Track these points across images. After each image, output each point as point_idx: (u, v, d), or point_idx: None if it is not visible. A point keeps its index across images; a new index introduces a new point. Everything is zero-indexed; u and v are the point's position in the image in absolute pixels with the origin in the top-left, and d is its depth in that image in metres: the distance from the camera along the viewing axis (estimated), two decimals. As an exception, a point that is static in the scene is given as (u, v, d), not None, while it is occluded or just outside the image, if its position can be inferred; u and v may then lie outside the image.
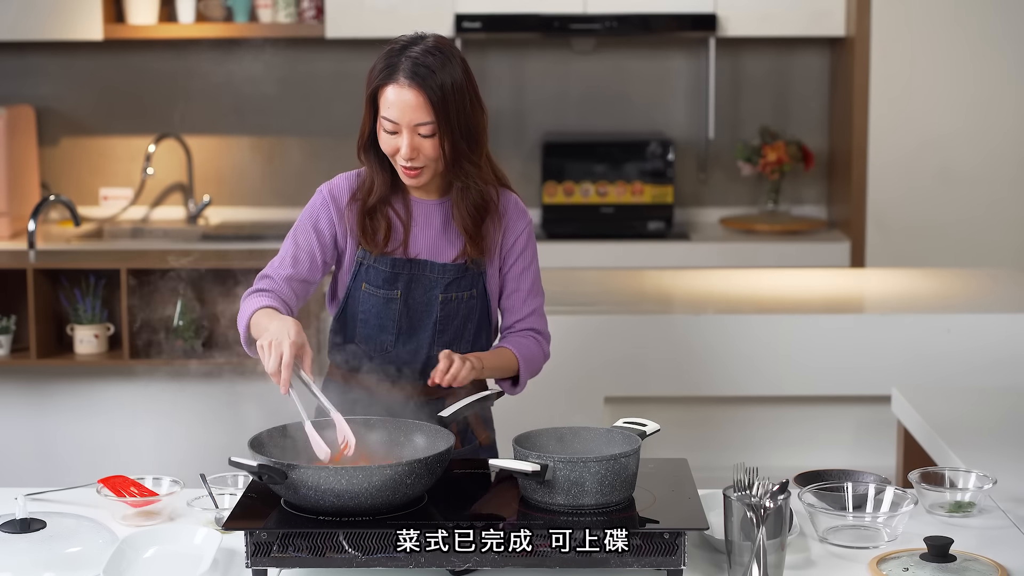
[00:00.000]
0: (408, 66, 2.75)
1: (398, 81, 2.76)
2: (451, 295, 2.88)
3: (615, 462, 2.41)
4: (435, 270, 2.87)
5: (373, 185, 2.88)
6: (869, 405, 4.26)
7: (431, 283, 2.87)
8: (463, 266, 2.88)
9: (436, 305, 2.88)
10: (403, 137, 2.77)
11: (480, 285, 2.91)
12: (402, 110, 2.75)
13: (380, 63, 2.80)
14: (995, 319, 4.23)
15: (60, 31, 5.66)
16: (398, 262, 2.86)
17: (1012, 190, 5.62)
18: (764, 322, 4.24)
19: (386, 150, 2.81)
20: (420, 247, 2.88)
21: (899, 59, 5.54)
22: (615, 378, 4.25)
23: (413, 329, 2.88)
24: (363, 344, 2.89)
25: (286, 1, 5.75)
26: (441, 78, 2.76)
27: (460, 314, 2.89)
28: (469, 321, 2.91)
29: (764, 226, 5.75)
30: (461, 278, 2.88)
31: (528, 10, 5.60)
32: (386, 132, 2.79)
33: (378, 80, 2.79)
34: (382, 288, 2.87)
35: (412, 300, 2.87)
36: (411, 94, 2.75)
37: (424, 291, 2.87)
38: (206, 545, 2.46)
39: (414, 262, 2.87)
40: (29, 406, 4.30)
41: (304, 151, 6.05)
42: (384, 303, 2.87)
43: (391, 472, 2.36)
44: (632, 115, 6.02)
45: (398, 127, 2.77)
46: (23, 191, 5.74)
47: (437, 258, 2.88)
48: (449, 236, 2.88)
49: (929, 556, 2.41)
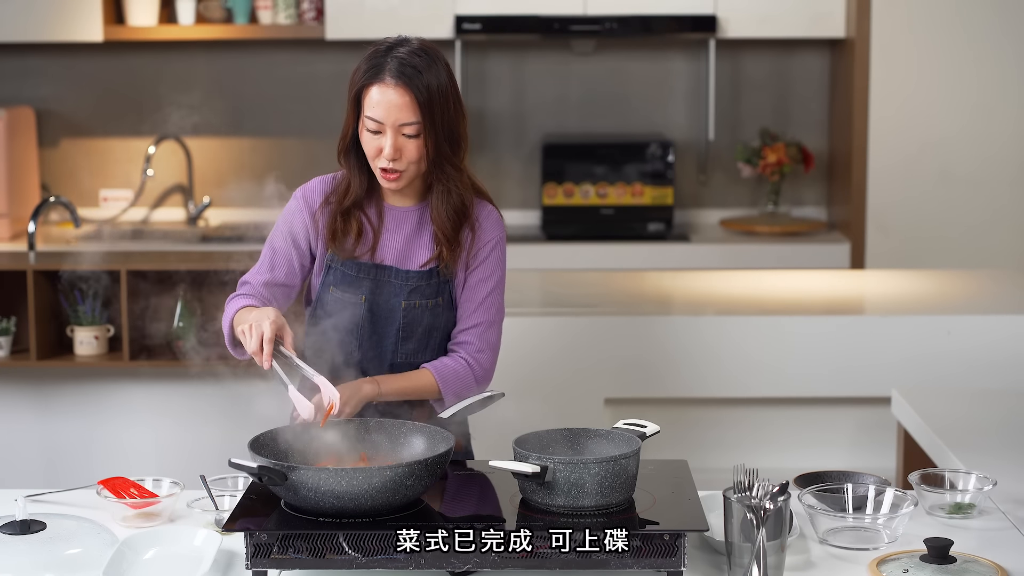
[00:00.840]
0: (395, 66, 2.75)
1: (384, 80, 2.75)
2: (414, 302, 2.87)
3: (615, 463, 2.41)
4: (399, 276, 2.87)
5: (348, 188, 2.88)
6: (869, 406, 4.26)
7: (395, 289, 2.87)
8: (428, 273, 2.87)
9: (399, 312, 2.87)
10: (386, 137, 2.76)
11: (447, 293, 2.90)
12: (387, 109, 2.75)
13: (364, 64, 2.79)
14: (995, 320, 4.23)
15: (60, 32, 5.66)
16: (364, 266, 2.87)
17: (1012, 192, 5.62)
18: (764, 323, 4.24)
19: (368, 151, 2.81)
20: (387, 253, 2.88)
21: (899, 61, 5.54)
22: (615, 379, 4.25)
23: (377, 335, 2.89)
24: (332, 347, 2.90)
25: (286, 2, 5.76)
26: (427, 79, 2.75)
27: (424, 322, 2.89)
28: (435, 329, 2.90)
29: (764, 227, 5.75)
30: (425, 285, 2.87)
31: (528, 11, 5.60)
32: (369, 132, 2.78)
33: (363, 80, 2.78)
34: (347, 292, 2.87)
35: (376, 305, 2.87)
36: (397, 93, 2.75)
37: (388, 297, 2.87)
38: (206, 546, 2.46)
39: (379, 267, 2.87)
40: (29, 408, 4.30)
41: (304, 153, 6.06)
42: (350, 308, 2.87)
43: (391, 474, 2.36)
44: (632, 117, 6.02)
45: (382, 127, 2.76)
46: (23, 192, 5.74)
47: (402, 264, 2.88)
48: (418, 243, 2.88)
49: (929, 558, 2.41)
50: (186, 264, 4.16)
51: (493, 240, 2.92)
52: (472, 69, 5.93)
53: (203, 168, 6.06)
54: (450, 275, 2.88)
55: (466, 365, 2.90)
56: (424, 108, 2.75)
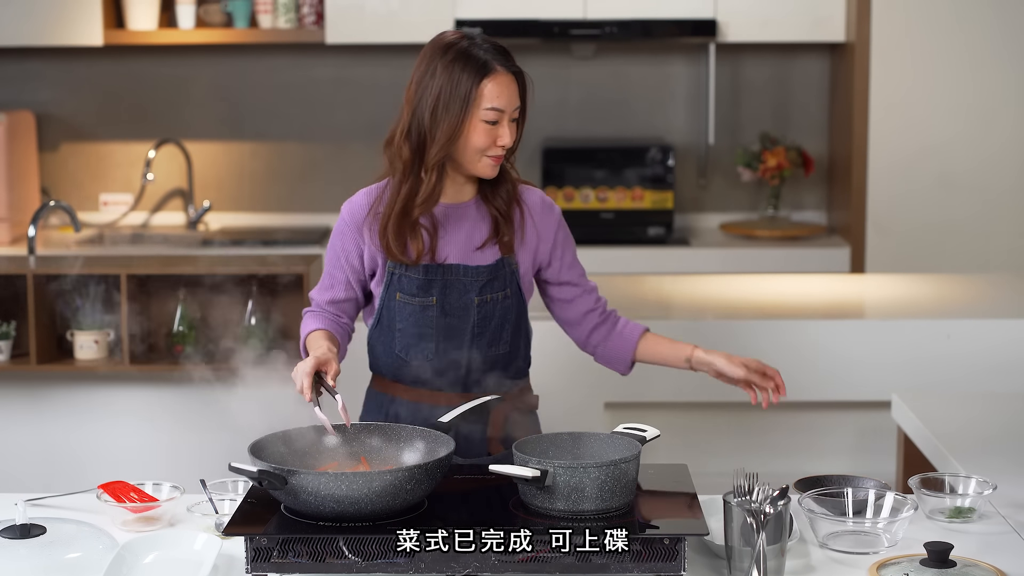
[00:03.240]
0: (495, 56, 2.79)
1: (496, 71, 2.78)
2: (486, 296, 2.87)
3: (615, 468, 2.41)
4: (468, 273, 2.86)
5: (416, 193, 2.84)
6: (869, 410, 4.26)
7: (465, 286, 2.86)
8: (495, 266, 2.87)
9: (473, 308, 2.87)
10: (504, 126, 2.79)
11: (514, 284, 2.90)
12: (508, 97, 2.79)
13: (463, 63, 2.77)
14: (995, 324, 4.23)
15: (60, 37, 5.66)
16: (431, 268, 2.85)
17: (1011, 195, 5.62)
18: (764, 327, 4.24)
19: (480, 144, 2.79)
20: (449, 251, 2.87)
21: (899, 65, 5.54)
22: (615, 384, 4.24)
23: (452, 334, 2.88)
24: (403, 354, 2.89)
25: (286, 7, 5.76)
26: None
27: (497, 315, 2.89)
28: (506, 322, 2.90)
29: (764, 231, 5.75)
30: (495, 279, 2.88)
31: (528, 16, 5.60)
32: (486, 124, 2.78)
33: (476, 76, 2.77)
34: (417, 296, 2.86)
35: (448, 305, 2.87)
36: (509, 80, 2.79)
37: (459, 295, 2.87)
38: (206, 551, 2.46)
39: (446, 267, 2.86)
40: (29, 412, 4.30)
41: (304, 157, 6.06)
42: (421, 311, 2.86)
43: (391, 478, 2.36)
44: (632, 121, 6.02)
45: (501, 116, 2.79)
46: (23, 197, 5.74)
47: (469, 261, 2.87)
48: (478, 238, 2.88)
49: (929, 562, 2.41)
50: (186, 268, 4.16)
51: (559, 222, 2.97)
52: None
53: (203, 172, 6.06)
54: (513, 267, 2.89)
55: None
56: (523, 90, 2.82)
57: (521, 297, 2.93)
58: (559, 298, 3.00)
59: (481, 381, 2.92)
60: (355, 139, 6.04)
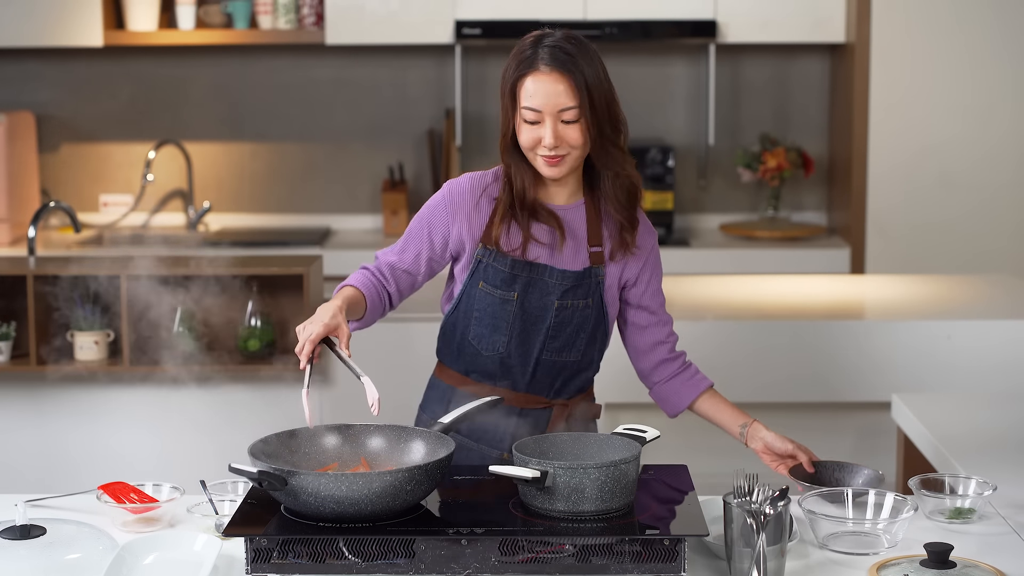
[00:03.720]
0: (547, 54, 2.76)
1: (539, 69, 2.75)
2: (567, 302, 2.86)
3: (615, 468, 2.41)
4: (554, 275, 2.85)
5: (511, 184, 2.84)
6: (869, 411, 4.26)
7: (548, 288, 2.85)
8: (583, 273, 2.86)
9: (551, 311, 2.86)
10: (545, 126, 2.75)
11: (597, 295, 2.89)
12: (546, 96, 2.74)
13: (515, 59, 2.78)
14: (995, 325, 4.23)
15: (60, 38, 5.67)
16: (517, 263, 2.84)
17: (1012, 195, 5.62)
18: (764, 328, 4.24)
19: (526, 143, 2.78)
20: (541, 251, 2.85)
21: (899, 65, 5.54)
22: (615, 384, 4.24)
23: (526, 332, 2.87)
24: (475, 342, 2.88)
25: (286, 8, 5.76)
26: (581, 62, 2.77)
27: (574, 322, 2.88)
28: (582, 330, 2.89)
29: (764, 232, 5.75)
30: (579, 286, 2.86)
31: (528, 16, 5.60)
32: (528, 123, 2.77)
33: (516, 73, 2.77)
34: (499, 288, 2.85)
35: (528, 303, 2.86)
36: (552, 79, 2.75)
37: (541, 295, 2.85)
38: (206, 551, 2.46)
39: (533, 265, 2.85)
40: (29, 412, 4.30)
41: (304, 157, 6.06)
42: (500, 303, 2.85)
43: (391, 479, 2.36)
44: (632, 121, 5.92)
45: (541, 115, 2.75)
46: (23, 197, 5.74)
47: (558, 264, 2.86)
48: (572, 242, 2.86)
49: (929, 562, 2.41)
50: (186, 269, 4.16)
51: (654, 244, 2.95)
52: (472, 74, 5.93)
53: (203, 173, 6.06)
54: (600, 277, 2.87)
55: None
56: (582, 90, 2.76)
57: (603, 308, 2.91)
58: (634, 322, 2.98)
59: (547, 385, 2.92)
60: (355, 140, 6.04)
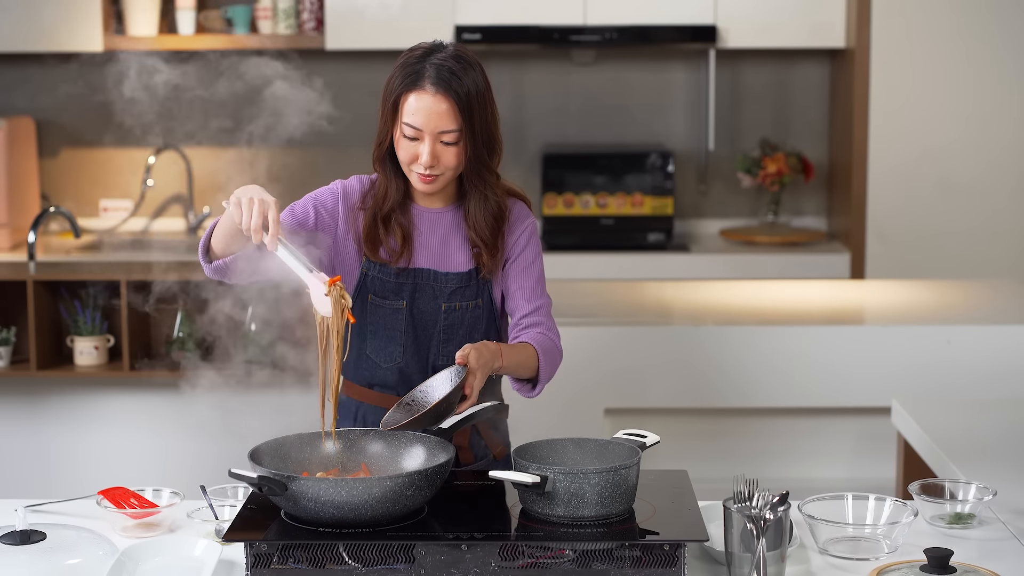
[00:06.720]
0: (433, 72, 2.72)
1: (424, 87, 2.73)
2: (455, 304, 2.86)
3: (615, 473, 2.41)
4: (439, 279, 2.86)
5: (386, 194, 2.85)
6: (869, 416, 4.26)
7: (435, 292, 2.86)
8: (467, 275, 2.86)
9: (440, 314, 2.86)
10: (424, 144, 2.74)
11: (486, 294, 2.89)
12: (427, 117, 2.73)
13: (400, 71, 2.76)
14: (995, 330, 4.23)
15: (60, 43, 5.67)
16: (403, 272, 2.85)
17: (1012, 201, 5.62)
18: (764, 333, 4.24)
19: (404, 158, 2.78)
20: (423, 256, 2.86)
21: (899, 70, 5.55)
22: (615, 390, 4.25)
23: (419, 340, 2.87)
24: (373, 355, 2.89)
25: (286, 12, 5.76)
26: (466, 85, 2.73)
27: (465, 324, 2.88)
28: (475, 331, 2.89)
29: (764, 237, 5.75)
30: (465, 287, 2.87)
31: (528, 21, 5.61)
32: (406, 139, 2.76)
33: (401, 87, 2.75)
34: (387, 299, 2.85)
35: (417, 310, 2.86)
36: (436, 100, 2.72)
37: (428, 301, 2.86)
38: (206, 557, 2.46)
39: (418, 271, 2.85)
40: (29, 417, 4.30)
41: (304, 162, 6.06)
42: (391, 313, 2.86)
43: (391, 484, 2.36)
44: (632, 127, 6.02)
45: (420, 134, 2.74)
46: (23, 203, 5.74)
47: (440, 267, 2.86)
48: (454, 245, 2.87)
49: (929, 567, 2.41)
50: (186, 274, 4.17)
51: (528, 228, 2.91)
52: (472, 79, 5.93)
53: (203, 178, 6.06)
54: (491, 278, 2.87)
55: (552, 340, 2.89)
56: (464, 115, 2.73)
57: (492, 308, 2.91)
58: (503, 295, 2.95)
59: None
60: (355, 145, 6.04)
